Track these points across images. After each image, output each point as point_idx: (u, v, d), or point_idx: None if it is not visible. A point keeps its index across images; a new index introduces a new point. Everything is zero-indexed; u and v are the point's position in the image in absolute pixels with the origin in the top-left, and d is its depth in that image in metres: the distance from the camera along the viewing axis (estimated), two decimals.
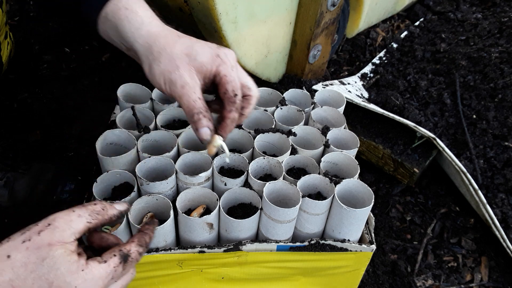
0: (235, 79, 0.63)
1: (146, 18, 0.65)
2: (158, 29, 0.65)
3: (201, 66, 0.62)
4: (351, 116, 1.36)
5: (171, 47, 0.63)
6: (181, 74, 0.62)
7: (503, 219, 1.14)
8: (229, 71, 0.63)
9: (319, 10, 1.18)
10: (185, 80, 0.61)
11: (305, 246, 0.75)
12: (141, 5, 0.66)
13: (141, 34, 0.64)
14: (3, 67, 1.10)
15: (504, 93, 1.29)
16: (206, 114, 0.63)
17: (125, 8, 0.65)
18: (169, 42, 0.63)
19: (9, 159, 1.28)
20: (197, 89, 0.62)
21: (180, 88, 0.62)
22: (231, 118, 0.65)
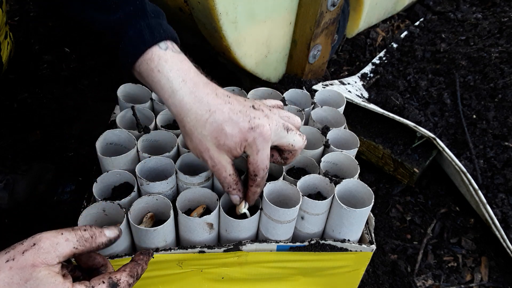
0: (256, 162, 0.65)
1: (177, 84, 0.63)
2: (190, 99, 0.63)
3: (229, 150, 0.64)
4: (351, 116, 1.36)
5: (201, 127, 0.63)
6: (211, 155, 0.64)
7: (503, 219, 1.14)
8: (253, 155, 0.65)
9: (319, 10, 1.18)
10: (215, 161, 0.65)
11: (305, 246, 0.75)
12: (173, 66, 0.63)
13: (173, 103, 0.63)
14: (3, 67, 1.10)
15: (504, 93, 1.29)
16: (235, 187, 0.68)
17: (157, 70, 0.63)
18: (199, 121, 0.63)
19: (9, 159, 1.28)
20: (227, 167, 0.66)
21: (211, 167, 0.66)
22: (252, 192, 0.70)
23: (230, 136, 0.62)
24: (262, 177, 0.67)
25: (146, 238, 0.70)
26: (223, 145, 0.63)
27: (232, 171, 0.66)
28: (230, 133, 0.62)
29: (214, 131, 0.63)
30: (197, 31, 1.21)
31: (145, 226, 0.72)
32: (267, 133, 0.63)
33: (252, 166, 0.66)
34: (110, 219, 0.73)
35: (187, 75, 0.64)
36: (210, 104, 0.63)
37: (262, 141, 0.63)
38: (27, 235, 0.50)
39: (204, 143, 0.64)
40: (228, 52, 1.17)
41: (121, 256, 0.70)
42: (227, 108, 0.63)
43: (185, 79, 0.63)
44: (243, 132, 0.63)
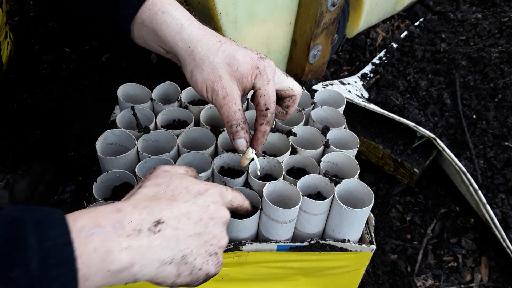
0: (268, 93, 0.64)
1: (185, 21, 0.64)
2: (199, 32, 0.64)
3: (241, 76, 0.63)
4: (351, 116, 1.36)
5: (213, 54, 0.63)
6: (223, 85, 0.63)
7: (503, 219, 1.14)
8: (264, 85, 0.64)
9: (319, 10, 1.18)
10: (227, 90, 0.63)
11: (305, 246, 0.75)
12: (177, 7, 0.65)
13: (182, 38, 0.63)
14: (3, 67, 1.10)
15: (504, 93, 1.29)
16: (244, 126, 0.65)
17: (161, 12, 0.63)
18: (211, 49, 0.63)
19: (9, 159, 1.28)
20: (238, 100, 0.64)
21: (221, 99, 0.63)
22: (262, 131, 0.67)
23: (242, 63, 0.63)
24: (272, 113, 0.66)
25: None
26: (235, 71, 0.63)
27: (241, 106, 0.65)
28: (242, 60, 0.63)
29: (227, 58, 0.63)
30: None
31: None
32: (274, 65, 0.65)
33: (264, 98, 0.65)
34: None
35: (191, 16, 0.66)
36: (220, 37, 0.65)
37: (271, 71, 0.64)
38: None
39: (216, 71, 0.63)
40: None
41: None
42: (234, 43, 0.65)
43: (190, 18, 0.65)
44: (254, 60, 0.64)
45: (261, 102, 0.65)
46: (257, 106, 0.66)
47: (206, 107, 0.89)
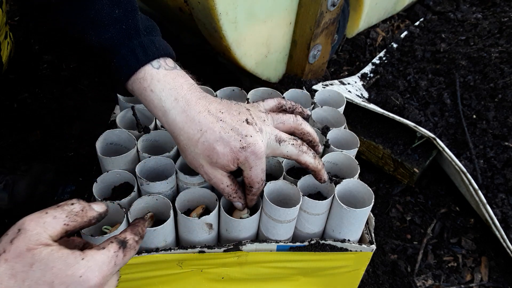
0: (250, 177, 0.66)
1: (170, 104, 0.63)
2: (182, 118, 0.63)
3: (222, 167, 0.65)
4: (351, 116, 1.36)
5: (193, 146, 0.64)
6: (205, 171, 0.66)
7: (503, 219, 1.14)
8: (247, 171, 0.66)
9: (319, 10, 1.18)
10: (210, 176, 0.66)
11: (305, 246, 0.75)
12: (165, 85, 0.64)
13: (167, 121, 0.64)
14: (3, 67, 1.10)
15: (504, 93, 1.29)
16: (235, 195, 0.69)
17: (150, 90, 0.63)
18: (191, 140, 0.63)
19: (9, 159, 1.28)
20: (224, 180, 0.66)
21: (208, 180, 0.67)
22: (249, 199, 0.71)
23: (222, 155, 0.63)
24: (258, 188, 0.69)
25: (146, 238, 0.70)
26: (215, 163, 0.64)
27: (229, 181, 0.67)
28: (222, 152, 0.63)
29: (206, 150, 0.63)
30: (197, 31, 1.21)
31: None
32: (259, 150, 0.63)
33: (247, 179, 0.67)
34: (110, 219, 0.73)
35: (180, 92, 0.64)
36: (202, 124, 0.63)
37: (254, 159, 0.64)
38: None
39: (197, 160, 0.65)
40: (228, 52, 1.17)
41: None
42: (218, 127, 0.63)
43: (177, 98, 0.63)
44: (235, 152, 0.63)
45: (245, 182, 0.68)
46: (243, 181, 0.68)
47: None
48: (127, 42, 0.64)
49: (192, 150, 0.64)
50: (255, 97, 0.97)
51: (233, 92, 0.96)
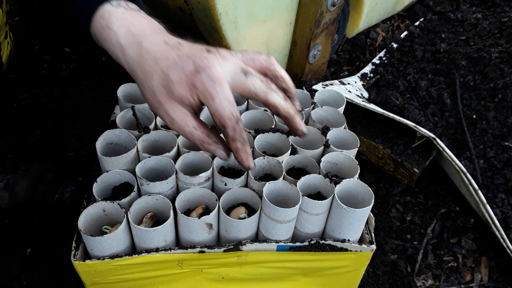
0: (216, 110, 0.55)
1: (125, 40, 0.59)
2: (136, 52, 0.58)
3: (180, 98, 0.56)
4: (351, 116, 1.36)
5: (150, 78, 0.57)
6: (165, 110, 0.57)
7: (503, 219, 1.14)
8: (209, 102, 0.56)
9: (319, 10, 1.18)
10: (171, 115, 0.57)
11: (305, 246, 0.75)
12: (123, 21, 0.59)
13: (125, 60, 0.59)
14: (3, 67, 1.10)
15: (504, 93, 1.29)
16: (209, 140, 0.59)
17: (108, 27, 0.59)
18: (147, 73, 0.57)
19: (9, 159, 1.28)
20: (188, 120, 0.58)
21: (170, 124, 0.58)
22: (234, 150, 0.59)
23: (176, 83, 0.55)
24: (233, 128, 0.57)
25: (146, 238, 0.70)
26: (173, 94, 0.56)
27: (196, 123, 0.58)
28: (176, 79, 0.55)
29: (162, 81, 0.56)
30: (197, 31, 1.21)
31: (145, 226, 0.72)
32: (216, 74, 0.55)
33: (215, 117, 0.56)
34: (110, 219, 0.73)
35: (138, 28, 0.59)
36: (156, 53, 0.57)
37: (213, 84, 0.55)
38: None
39: (155, 96, 0.57)
40: None
41: (121, 256, 0.70)
42: (174, 54, 0.57)
43: (134, 34, 0.59)
44: (189, 76, 0.55)
45: (215, 120, 0.57)
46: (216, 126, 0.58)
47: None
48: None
49: (149, 85, 0.57)
50: None
51: None
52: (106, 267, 0.71)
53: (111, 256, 0.70)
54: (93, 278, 0.73)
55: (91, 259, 0.69)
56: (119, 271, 0.72)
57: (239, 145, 0.59)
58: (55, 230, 1.12)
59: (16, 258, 1.06)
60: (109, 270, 0.72)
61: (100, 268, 0.71)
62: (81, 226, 0.69)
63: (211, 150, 0.60)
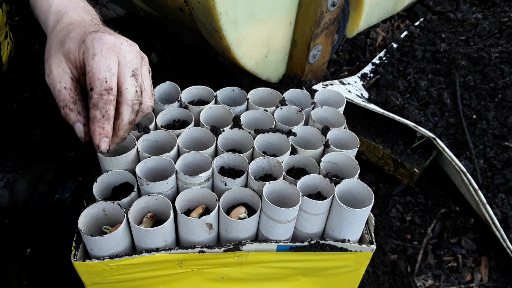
0: (92, 70, 0.55)
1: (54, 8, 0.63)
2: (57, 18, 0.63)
3: (68, 52, 0.57)
4: (351, 116, 1.36)
5: (55, 36, 0.59)
6: (49, 63, 0.58)
7: (503, 219, 1.14)
8: (89, 60, 0.55)
9: (319, 10, 1.18)
10: (51, 68, 0.57)
11: (305, 246, 0.75)
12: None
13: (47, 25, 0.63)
14: (3, 67, 1.10)
15: (504, 93, 1.29)
16: (73, 106, 0.57)
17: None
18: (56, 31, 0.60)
19: (9, 159, 1.28)
20: (64, 78, 0.57)
21: (46, 78, 0.58)
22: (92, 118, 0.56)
23: (72, 38, 0.57)
24: (100, 93, 0.55)
25: (146, 238, 0.70)
26: (63, 47, 0.57)
27: (70, 84, 0.57)
28: (73, 36, 0.57)
29: (62, 37, 0.58)
30: (197, 31, 1.21)
31: (145, 226, 0.72)
32: (109, 41, 0.56)
33: (88, 76, 0.55)
34: (110, 219, 0.73)
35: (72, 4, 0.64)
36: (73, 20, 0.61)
37: (101, 45, 0.55)
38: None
39: (50, 49, 0.59)
40: (228, 52, 1.17)
41: (121, 256, 0.70)
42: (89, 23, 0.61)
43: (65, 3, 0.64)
44: (85, 34, 0.57)
45: (86, 81, 0.56)
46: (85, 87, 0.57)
47: (206, 107, 0.89)
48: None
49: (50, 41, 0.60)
50: (255, 97, 0.97)
51: (233, 92, 0.96)
52: (106, 267, 0.71)
53: (111, 256, 0.70)
54: (93, 278, 0.73)
55: (91, 259, 0.69)
56: (119, 271, 0.72)
57: (98, 115, 0.56)
58: (55, 230, 1.12)
59: (16, 258, 1.06)
60: (109, 270, 0.72)
61: (100, 268, 0.71)
62: (81, 226, 0.69)
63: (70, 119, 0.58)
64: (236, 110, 0.90)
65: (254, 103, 0.93)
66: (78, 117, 0.58)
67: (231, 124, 0.86)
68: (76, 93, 0.57)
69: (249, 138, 0.84)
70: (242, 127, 0.86)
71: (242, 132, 0.85)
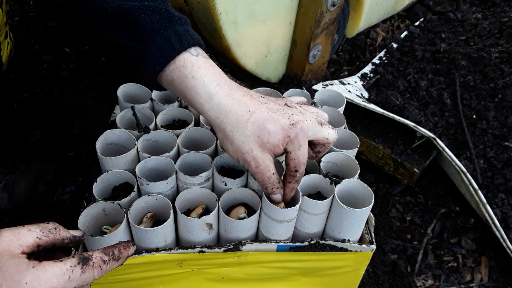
0: (298, 158, 0.65)
1: (214, 87, 0.63)
2: (228, 101, 0.63)
3: (273, 147, 0.64)
4: (351, 116, 1.36)
5: (243, 127, 0.63)
6: (254, 156, 0.64)
7: (503, 219, 1.14)
8: (295, 150, 0.65)
9: (319, 10, 1.18)
10: (258, 161, 0.64)
11: (305, 246, 0.75)
12: (207, 71, 0.63)
13: (211, 107, 0.63)
14: (3, 67, 1.10)
15: (504, 93, 1.29)
16: (278, 185, 0.68)
17: (192, 76, 0.62)
18: (240, 121, 0.63)
19: (9, 159, 1.28)
20: (271, 167, 0.65)
21: (254, 168, 0.65)
22: (290, 188, 0.69)
23: (273, 133, 0.63)
24: (302, 172, 0.68)
25: (146, 238, 0.70)
26: (266, 143, 0.63)
27: (275, 170, 0.66)
28: (273, 130, 0.63)
29: (256, 130, 0.63)
30: (197, 31, 1.21)
31: (145, 226, 0.72)
32: (307, 127, 0.64)
33: (294, 162, 0.66)
34: (110, 219, 0.73)
35: (221, 79, 0.64)
36: (249, 105, 0.63)
37: (303, 136, 0.64)
38: None
39: (246, 144, 0.63)
40: (228, 52, 1.17)
41: None
42: (265, 108, 0.64)
43: (220, 83, 0.63)
44: (285, 129, 0.63)
45: (291, 164, 0.66)
46: (288, 166, 0.67)
47: None
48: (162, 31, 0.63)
49: (241, 133, 0.63)
50: None
51: None
52: None
53: None
54: None
55: None
56: (119, 271, 0.72)
57: (296, 186, 0.70)
58: None
59: None
60: None
61: None
62: (81, 226, 0.68)
63: (274, 193, 0.69)
64: None
65: None
66: (281, 191, 0.69)
67: None
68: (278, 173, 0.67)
69: None
70: None
71: None
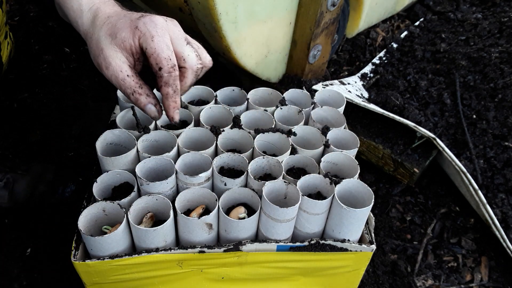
0: (155, 51, 0.60)
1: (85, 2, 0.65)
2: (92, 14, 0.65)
3: (122, 42, 0.61)
4: (351, 116, 1.36)
5: (98, 29, 0.62)
6: (104, 56, 0.61)
7: (503, 219, 1.14)
8: (148, 43, 0.60)
9: (319, 10, 1.18)
10: (108, 61, 0.61)
11: (305, 246, 0.75)
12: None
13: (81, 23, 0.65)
14: (3, 67, 1.10)
15: (504, 93, 1.29)
16: (141, 91, 0.63)
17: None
18: (97, 26, 0.63)
19: (9, 159, 1.28)
20: (124, 67, 0.61)
21: (105, 70, 0.62)
22: (165, 94, 0.63)
23: (122, 27, 0.61)
24: (169, 72, 0.61)
25: (146, 238, 0.70)
26: (116, 39, 0.61)
27: (131, 72, 0.62)
28: (122, 26, 0.61)
29: (109, 29, 0.62)
30: (197, 31, 1.21)
31: (145, 226, 0.72)
32: (159, 20, 0.61)
33: (152, 57, 0.60)
34: (110, 219, 0.73)
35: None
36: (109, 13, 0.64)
37: (154, 26, 0.60)
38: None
39: (99, 44, 0.62)
40: (228, 52, 1.17)
41: (121, 256, 0.70)
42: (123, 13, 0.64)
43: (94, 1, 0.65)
44: (133, 20, 0.61)
45: (151, 63, 0.61)
46: (151, 67, 0.62)
47: (206, 107, 0.89)
48: None
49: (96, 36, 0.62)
50: (255, 97, 0.97)
51: (233, 92, 0.96)
52: (106, 267, 0.71)
53: (111, 256, 0.70)
54: (93, 278, 0.73)
55: (91, 259, 0.69)
56: (119, 271, 0.72)
57: (170, 91, 0.63)
58: (55, 230, 1.12)
59: (16, 258, 1.06)
60: (109, 270, 0.72)
61: (100, 268, 0.71)
62: (81, 226, 0.69)
63: (141, 103, 0.63)
64: (236, 110, 0.90)
65: (254, 103, 0.93)
66: (148, 99, 0.63)
67: (231, 124, 0.86)
68: (138, 78, 0.63)
69: (249, 138, 0.84)
70: (242, 127, 0.86)
71: (242, 132, 0.85)
